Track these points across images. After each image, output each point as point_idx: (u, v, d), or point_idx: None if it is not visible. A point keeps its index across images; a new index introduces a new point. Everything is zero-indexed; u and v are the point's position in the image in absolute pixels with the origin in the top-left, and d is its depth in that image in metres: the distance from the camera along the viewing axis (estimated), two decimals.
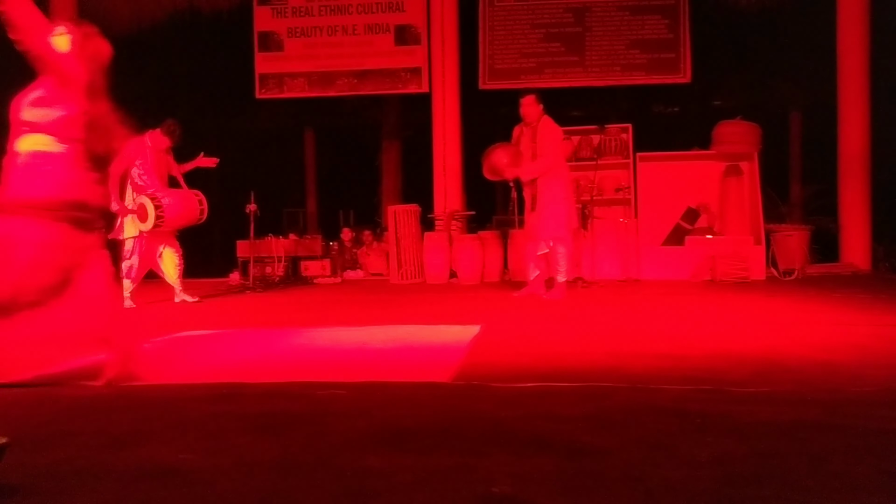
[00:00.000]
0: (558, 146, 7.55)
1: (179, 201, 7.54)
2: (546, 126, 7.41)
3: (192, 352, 4.83)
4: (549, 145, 7.37)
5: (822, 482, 2.11)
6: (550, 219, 7.32)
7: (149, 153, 7.44)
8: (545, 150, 7.33)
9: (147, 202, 7.29)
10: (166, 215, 7.31)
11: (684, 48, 11.09)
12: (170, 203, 7.39)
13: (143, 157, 7.40)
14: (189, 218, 7.65)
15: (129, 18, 12.14)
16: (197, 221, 7.75)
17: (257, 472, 2.29)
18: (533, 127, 7.41)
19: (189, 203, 7.62)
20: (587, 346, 4.61)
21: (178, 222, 7.57)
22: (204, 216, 7.74)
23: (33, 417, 3.05)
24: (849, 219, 10.25)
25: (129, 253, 7.42)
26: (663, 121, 15.54)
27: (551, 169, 7.37)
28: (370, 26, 11.59)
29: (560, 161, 7.54)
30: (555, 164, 7.40)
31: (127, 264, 7.43)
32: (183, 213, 7.56)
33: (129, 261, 7.43)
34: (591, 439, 2.53)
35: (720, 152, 9.81)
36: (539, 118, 7.42)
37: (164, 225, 7.37)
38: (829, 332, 4.96)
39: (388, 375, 3.78)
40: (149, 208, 7.27)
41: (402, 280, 9.98)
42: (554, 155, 7.41)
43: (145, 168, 7.40)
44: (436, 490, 2.10)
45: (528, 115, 7.45)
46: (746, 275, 8.81)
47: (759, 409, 2.89)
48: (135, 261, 7.44)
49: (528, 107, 7.43)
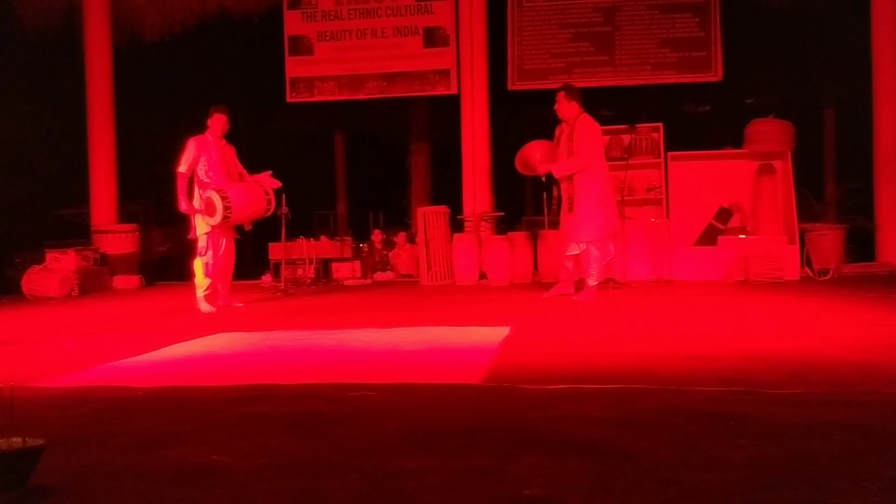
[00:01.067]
0: (596, 144, 7.33)
1: (245, 193, 7.43)
2: (584, 123, 7.24)
3: (226, 353, 4.87)
4: (586, 143, 7.18)
5: (856, 484, 2.08)
6: (585, 221, 7.20)
7: (211, 149, 7.46)
8: (581, 148, 7.17)
9: (214, 196, 7.19)
10: (234, 206, 7.24)
11: (715, 46, 10.99)
12: (236, 195, 7.30)
13: (206, 153, 7.42)
14: (256, 209, 7.53)
15: (160, 24, 12.28)
16: (265, 213, 7.64)
17: (289, 472, 2.31)
18: (571, 125, 7.28)
19: (255, 195, 7.50)
20: (618, 347, 4.58)
21: (245, 213, 7.45)
22: (272, 208, 7.64)
23: (70, 419, 3.09)
24: (885, 217, 10.09)
25: (204, 249, 7.36)
26: (695, 120, 15.43)
27: (588, 168, 7.20)
28: (399, 29, 11.62)
29: (598, 160, 7.32)
30: (591, 162, 7.21)
31: (203, 261, 7.35)
32: (249, 205, 7.43)
33: (205, 257, 7.36)
34: (622, 441, 2.52)
35: (753, 151, 9.70)
36: (577, 116, 7.26)
37: (233, 217, 7.28)
38: (865, 332, 4.89)
39: (418, 377, 3.79)
40: (216, 202, 7.18)
41: (431, 281, 9.99)
42: (590, 153, 7.20)
43: (210, 164, 7.40)
44: (466, 491, 2.11)
45: (563, 112, 7.31)
46: (780, 275, 8.70)
47: (793, 410, 2.86)
48: (209, 257, 7.38)
49: (560, 104, 7.31)
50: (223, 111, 7.58)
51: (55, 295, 9.31)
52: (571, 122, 7.27)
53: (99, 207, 11.32)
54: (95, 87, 11.34)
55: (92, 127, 11.37)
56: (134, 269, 10.86)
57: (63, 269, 9.66)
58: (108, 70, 11.41)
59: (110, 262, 10.63)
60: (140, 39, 12.33)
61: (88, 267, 10.14)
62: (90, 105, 11.38)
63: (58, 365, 4.50)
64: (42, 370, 4.30)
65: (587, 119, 7.28)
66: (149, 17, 12.23)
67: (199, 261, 7.36)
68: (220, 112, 7.56)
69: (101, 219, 11.22)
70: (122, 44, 12.04)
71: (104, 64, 11.37)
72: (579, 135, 7.19)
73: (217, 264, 7.44)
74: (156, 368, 4.35)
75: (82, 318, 7.30)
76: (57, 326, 6.68)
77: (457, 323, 5.93)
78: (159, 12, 12.21)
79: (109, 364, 4.49)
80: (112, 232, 10.93)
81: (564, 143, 7.30)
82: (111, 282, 10.49)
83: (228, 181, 7.44)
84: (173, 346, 5.09)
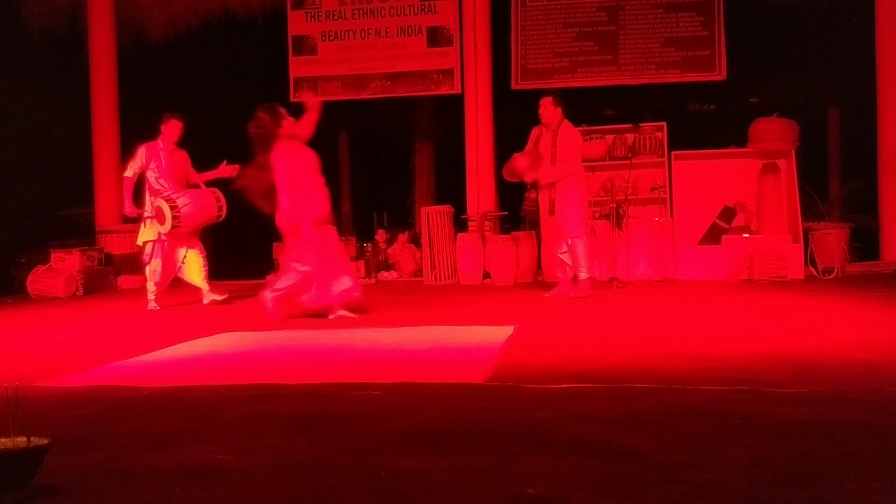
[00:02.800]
0: (578, 152, 7.67)
1: (196, 200, 7.54)
2: (567, 131, 7.50)
3: (230, 353, 4.88)
4: (570, 151, 7.47)
5: (861, 484, 2.08)
6: (568, 218, 7.42)
7: (162, 155, 7.53)
8: (566, 156, 7.43)
9: (163, 204, 7.33)
10: (182, 215, 7.35)
11: (719, 45, 10.97)
12: (186, 203, 7.42)
13: (156, 160, 7.49)
14: (206, 216, 7.66)
15: (164, 24, 12.30)
16: (216, 220, 7.76)
17: (293, 472, 2.31)
18: (553, 130, 7.48)
19: (206, 202, 7.61)
20: (622, 346, 4.58)
21: (195, 222, 7.58)
22: (222, 214, 7.73)
23: (74, 418, 3.10)
24: (889, 216, 10.07)
25: (149, 257, 7.51)
26: (699, 119, 15.39)
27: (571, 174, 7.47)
28: (402, 28, 11.62)
29: (579, 166, 7.66)
30: (575, 169, 7.51)
31: (150, 268, 7.52)
32: (200, 213, 7.56)
33: (151, 265, 7.51)
34: (626, 440, 2.51)
35: (757, 150, 9.69)
36: (559, 122, 7.50)
37: (182, 225, 7.40)
38: (869, 331, 4.88)
39: (422, 376, 3.79)
40: (165, 210, 7.31)
41: (435, 281, 9.99)
42: (574, 161, 7.52)
43: (160, 171, 7.49)
44: (470, 491, 2.11)
45: (547, 117, 7.53)
46: (784, 274, 8.69)
47: (797, 409, 2.85)
48: (157, 264, 7.50)
49: (546, 108, 7.52)
50: (179, 118, 7.69)
51: (60, 295, 9.33)
52: (553, 128, 7.49)
53: (103, 207, 11.35)
54: (100, 87, 11.36)
55: (96, 127, 11.40)
56: (139, 268, 10.85)
57: (68, 268, 9.68)
58: (113, 70, 11.44)
59: (115, 262, 10.65)
60: (144, 40, 12.36)
61: (93, 267, 10.16)
62: (94, 105, 11.40)
63: (62, 364, 4.51)
64: (47, 370, 4.31)
65: (569, 126, 7.55)
66: (153, 17, 12.26)
67: (147, 268, 7.57)
68: (177, 119, 7.64)
69: (106, 219, 11.24)
70: (127, 44, 12.07)
71: (108, 64, 11.40)
72: (563, 142, 7.44)
73: (166, 271, 7.60)
74: (160, 368, 4.35)
75: (87, 318, 7.32)
76: (61, 326, 6.69)
77: (461, 322, 5.94)
78: (163, 13, 12.23)
79: (114, 364, 4.50)
80: (117, 232, 10.94)
81: (546, 147, 7.50)
82: (116, 282, 10.51)
83: (179, 188, 7.53)
84: (178, 346, 5.09)
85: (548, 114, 7.51)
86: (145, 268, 7.58)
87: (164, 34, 12.34)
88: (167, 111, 7.80)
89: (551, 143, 7.46)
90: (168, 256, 7.59)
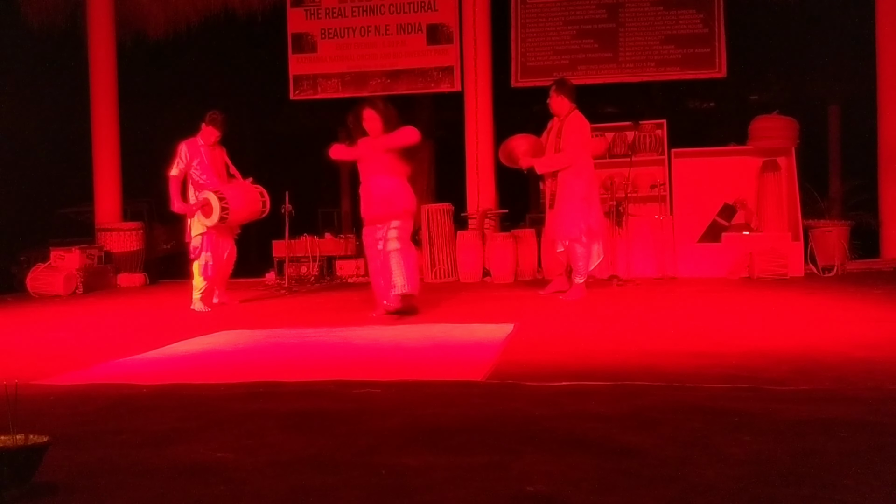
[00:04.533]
0: (583, 142, 7.21)
1: (241, 194, 7.45)
2: (574, 120, 7.14)
3: (229, 350, 4.88)
4: (573, 141, 7.08)
5: (861, 481, 2.08)
6: (566, 218, 7.09)
7: (203, 151, 7.46)
8: (567, 145, 7.07)
9: (211, 196, 7.19)
10: (231, 207, 7.25)
11: (719, 43, 10.96)
12: (233, 195, 7.32)
13: (198, 157, 7.41)
14: (252, 210, 7.56)
15: (164, 22, 12.28)
16: (260, 215, 7.68)
17: (293, 469, 2.31)
18: (562, 120, 7.20)
19: (251, 196, 7.53)
20: (622, 344, 4.58)
21: (241, 214, 7.47)
22: (266, 209, 7.67)
23: (74, 416, 3.10)
24: (889, 214, 10.06)
25: (198, 251, 7.31)
26: (699, 116, 15.40)
27: (573, 165, 7.09)
28: (402, 26, 11.61)
29: (584, 158, 7.21)
30: (576, 160, 7.08)
31: (200, 262, 7.30)
32: (245, 206, 7.45)
33: (201, 259, 7.30)
34: (626, 438, 2.51)
35: (757, 147, 9.68)
36: (569, 112, 7.17)
37: (230, 218, 7.29)
38: (869, 329, 4.88)
39: (422, 374, 3.79)
40: (213, 202, 7.17)
41: (435, 279, 9.99)
42: (576, 151, 7.08)
43: (202, 167, 7.39)
44: (470, 488, 2.11)
45: (555, 106, 7.23)
46: (785, 271, 8.69)
47: (797, 407, 2.85)
48: (208, 257, 7.31)
49: (552, 98, 7.22)
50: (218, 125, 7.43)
51: (60, 293, 9.33)
52: (562, 118, 7.21)
53: (103, 205, 11.34)
54: (99, 85, 11.35)
55: (96, 125, 11.38)
56: (138, 266, 10.87)
57: (67, 266, 9.68)
58: (112, 68, 11.42)
59: (114, 260, 10.65)
60: (144, 37, 12.35)
61: (93, 265, 10.16)
62: (94, 103, 11.39)
63: (62, 362, 4.51)
64: (46, 367, 4.30)
65: (577, 116, 7.19)
66: (153, 15, 12.24)
67: (196, 263, 7.36)
68: (214, 126, 7.42)
69: (106, 217, 11.24)
70: (127, 42, 12.06)
71: (108, 62, 11.38)
72: (567, 131, 7.11)
73: (216, 265, 7.42)
74: (160, 366, 4.35)
75: (87, 316, 7.31)
76: (61, 324, 6.69)
77: (461, 320, 5.93)
78: (163, 10, 12.22)
79: (114, 361, 4.50)
80: (116, 230, 10.95)
81: (552, 138, 7.23)
82: (115, 280, 10.50)
83: (222, 182, 7.46)
84: (177, 344, 5.09)
85: (554, 103, 7.21)
86: (193, 263, 7.35)
87: (163, 32, 12.33)
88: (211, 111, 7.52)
89: (558, 133, 7.16)
90: (216, 251, 7.41)
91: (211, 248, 7.34)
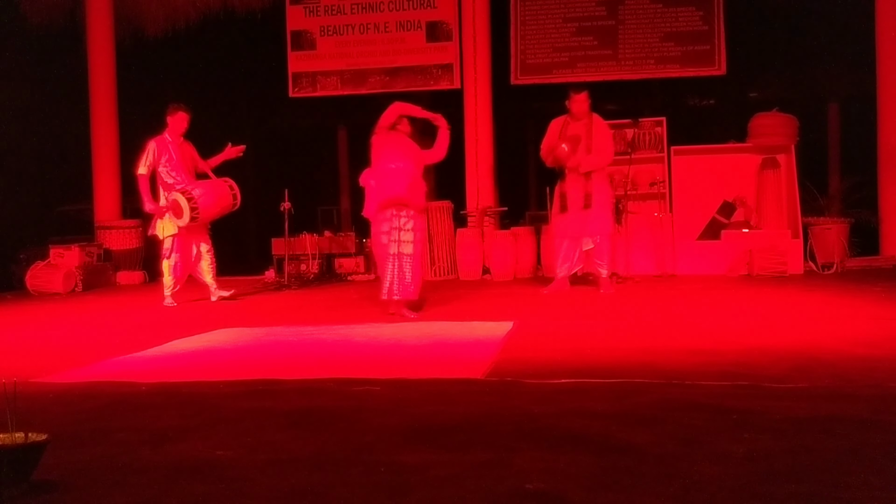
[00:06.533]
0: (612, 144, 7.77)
1: (210, 191, 7.47)
2: (603, 123, 7.60)
3: (229, 348, 4.87)
4: (609, 142, 7.56)
5: (860, 478, 2.08)
6: (603, 214, 7.52)
7: (171, 148, 7.47)
8: (605, 147, 7.49)
9: (179, 197, 7.24)
10: (200, 206, 7.28)
11: (719, 40, 10.94)
12: (201, 194, 7.36)
13: (166, 153, 7.43)
14: (223, 206, 7.59)
15: (163, 19, 12.27)
16: (231, 209, 7.70)
17: (293, 467, 2.31)
18: (584, 122, 7.50)
19: (220, 191, 7.55)
20: (621, 342, 4.58)
21: (212, 212, 7.51)
22: (237, 202, 7.68)
23: (72, 414, 3.10)
24: (889, 211, 10.06)
25: (169, 251, 7.41)
26: (698, 114, 15.37)
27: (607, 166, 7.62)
28: (401, 23, 11.59)
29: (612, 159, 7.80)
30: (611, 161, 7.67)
31: (169, 263, 7.42)
32: (216, 202, 7.48)
33: (170, 259, 7.42)
34: (625, 435, 2.51)
35: (756, 145, 9.67)
36: (590, 114, 7.56)
37: (200, 217, 7.35)
38: (869, 326, 4.88)
39: (421, 372, 3.79)
40: (182, 203, 7.23)
41: (434, 277, 9.99)
42: (612, 153, 7.65)
43: (171, 164, 7.41)
44: (469, 485, 2.11)
45: (581, 108, 7.56)
46: (784, 269, 8.68)
47: (796, 404, 2.85)
48: (176, 258, 7.43)
49: (582, 102, 7.52)
50: (186, 109, 7.60)
51: (59, 291, 9.32)
52: (584, 119, 7.53)
53: (102, 203, 11.33)
54: (98, 82, 11.34)
55: (95, 123, 11.37)
56: (137, 264, 10.86)
57: (67, 264, 9.67)
58: (111, 66, 11.41)
59: (114, 258, 10.64)
60: (143, 35, 12.33)
61: (92, 263, 10.15)
62: (93, 101, 11.37)
63: (61, 360, 4.51)
64: (46, 365, 4.30)
65: (599, 118, 7.66)
66: (151, 12, 12.22)
67: (166, 262, 7.47)
68: (183, 110, 7.56)
69: (105, 214, 11.23)
70: (125, 40, 12.04)
71: (107, 60, 11.37)
72: (600, 133, 7.54)
73: (184, 265, 7.53)
74: (159, 364, 4.35)
75: (86, 314, 7.31)
76: (60, 322, 6.69)
77: (460, 318, 5.94)
78: (162, 8, 12.20)
79: (113, 359, 4.50)
80: (115, 227, 10.93)
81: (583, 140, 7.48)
82: (115, 277, 10.50)
83: (192, 180, 7.48)
84: (177, 342, 5.09)
85: (584, 106, 7.55)
86: (163, 262, 7.47)
87: (162, 29, 12.30)
88: (172, 102, 7.70)
89: (587, 134, 7.48)
90: (184, 251, 7.51)
91: (180, 250, 7.47)
